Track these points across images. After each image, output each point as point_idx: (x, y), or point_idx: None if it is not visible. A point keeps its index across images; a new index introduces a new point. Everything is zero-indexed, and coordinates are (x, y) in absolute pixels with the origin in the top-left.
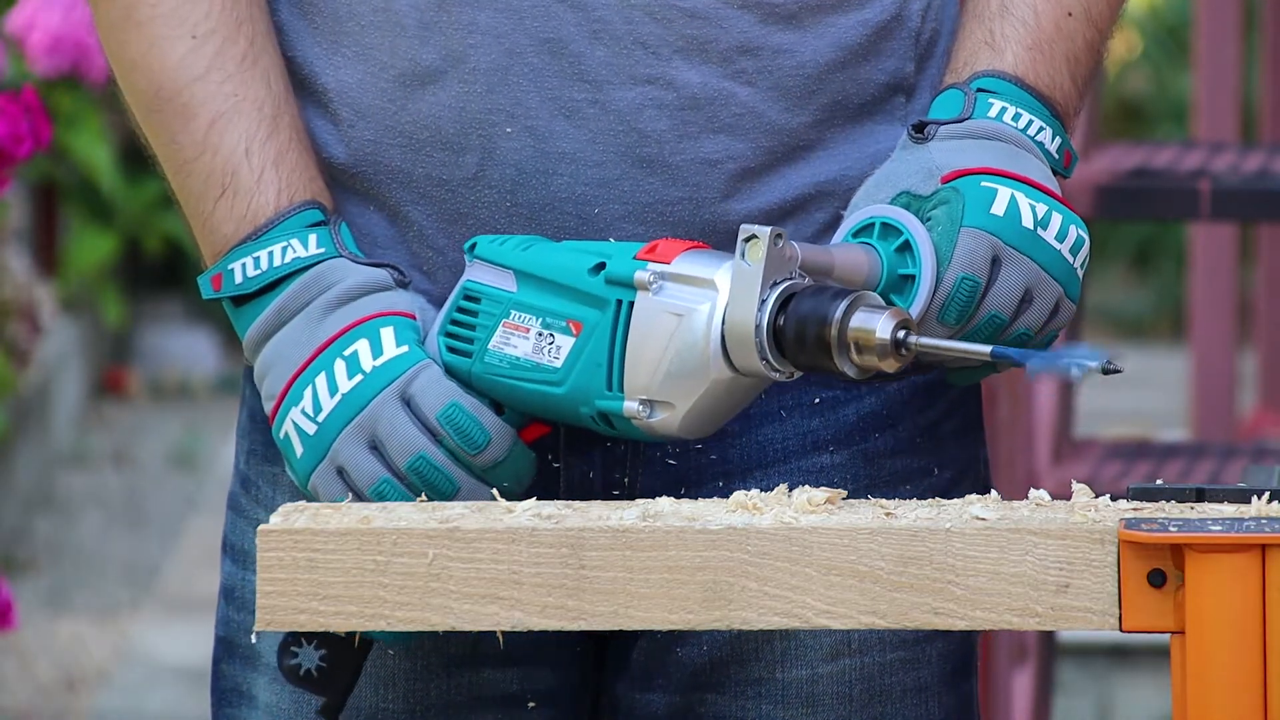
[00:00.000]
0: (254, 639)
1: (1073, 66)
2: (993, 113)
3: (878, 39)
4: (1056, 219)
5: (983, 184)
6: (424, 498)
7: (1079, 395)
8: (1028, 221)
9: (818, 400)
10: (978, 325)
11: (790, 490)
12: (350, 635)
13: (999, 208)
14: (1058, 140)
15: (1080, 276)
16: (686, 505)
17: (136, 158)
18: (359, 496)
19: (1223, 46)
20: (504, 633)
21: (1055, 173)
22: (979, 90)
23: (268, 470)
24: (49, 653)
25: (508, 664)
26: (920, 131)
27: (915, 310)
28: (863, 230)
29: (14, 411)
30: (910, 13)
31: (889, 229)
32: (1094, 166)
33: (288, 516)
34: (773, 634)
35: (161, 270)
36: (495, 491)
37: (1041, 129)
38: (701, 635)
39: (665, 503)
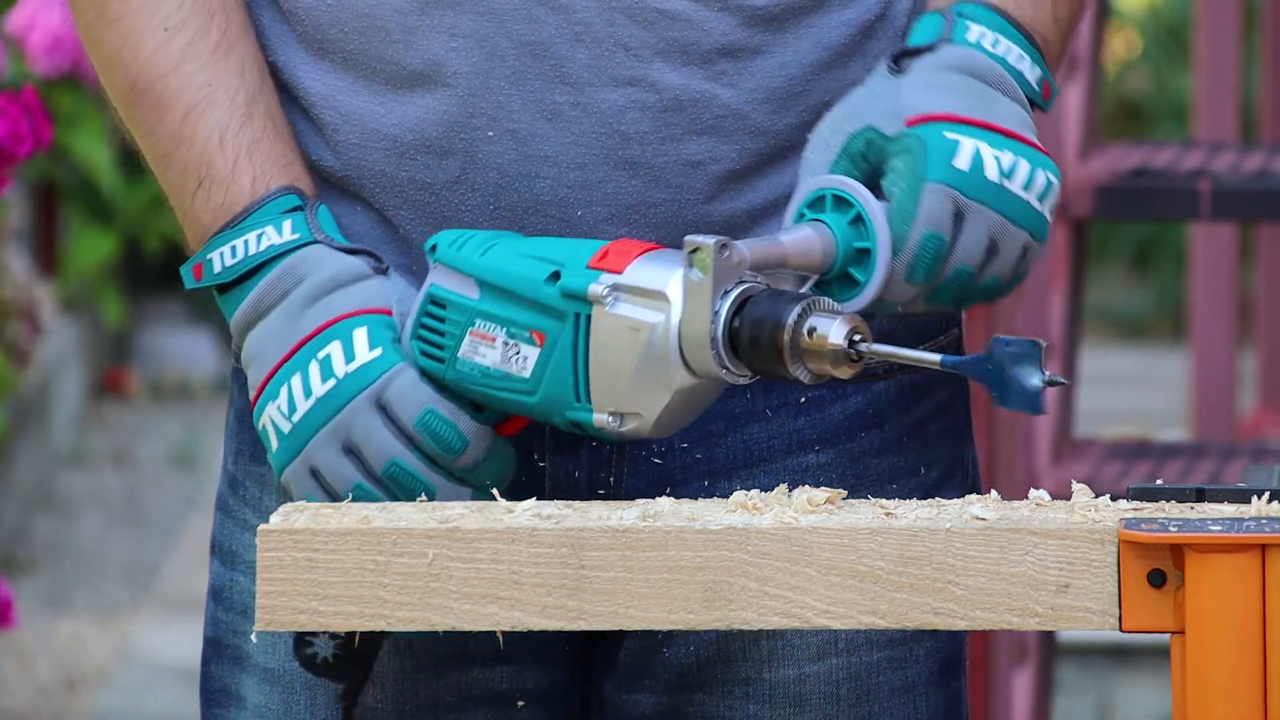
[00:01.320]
0: (253, 639)
1: (1055, 6)
2: (970, 37)
3: (862, 39)
4: (1023, 167)
5: (946, 134)
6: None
7: (1079, 395)
8: (992, 174)
9: (804, 400)
10: (945, 280)
11: (790, 490)
12: None
13: (962, 161)
14: (1037, 71)
15: (1049, 219)
16: (686, 505)
17: (136, 158)
18: (332, 497)
19: (1223, 46)
20: (502, 632)
21: (1033, 104)
22: (958, 15)
23: (255, 471)
24: (49, 653)
25: (497, 663)
26: (897, 63)
27: (874, 281)
28: (814, 203)
29: (14, 411)
30: (896, 12)
31: (841, 201)
32: (1094, 166)
33: (288, 516)
34: (760, 633)
35: (161, 270)
36: (495, 491)
37: (1021, 57)
38: (689, 635)
39: (665, 503)
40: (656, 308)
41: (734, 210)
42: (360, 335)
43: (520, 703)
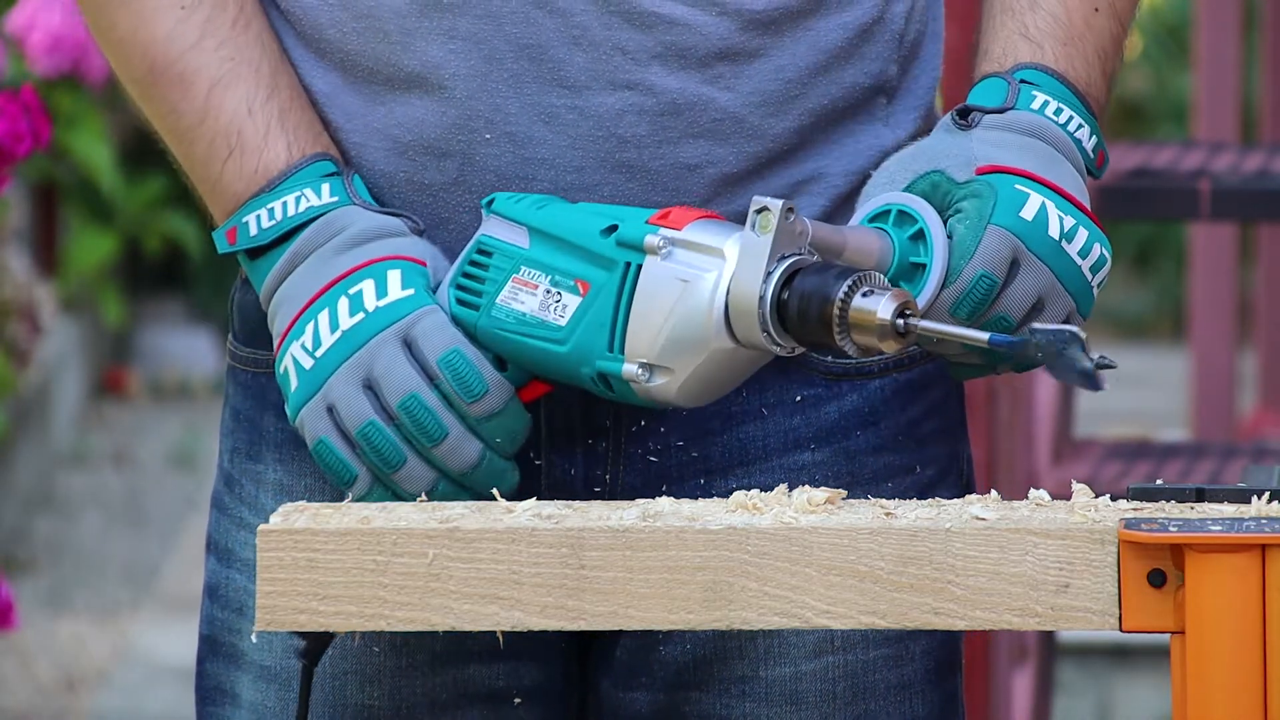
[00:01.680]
0: (253, 639)
1: (1103, 62)
2: (1035, 105)
3: (859, 42)
4: (1082, 234)
5: (1016, 186)
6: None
7: (1079, 395)
8: (1054, 231)
9: (799, 398)
10: (986, 325)
11: (790, 490)
12: None
13: (1029, 212)
14: (1094, 139)
15: (1095, 294)
16: (686, 505)
17: (136, 158)
18: (344, 437)
19: (1223, 46)
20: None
21: (1089, 172)
22: (1022, 82)
23: (251, 468)
24: (49, 653)
25: (494, 660)
26: (964, 118)
27: (923, 299)
28: (878, 216)
29: (14, 411)
30: (893, 15)
31: (905, 217)
32: None
33: (288, 516)
34: (757, 632)
35: (161, 270)
36: (495, 491)
37: (1080, 126)
38: (686, 633)
39: (665, 503)
40: (710, 263)
41: (731, 213)
42: (394, 275)
43: (517, 700)
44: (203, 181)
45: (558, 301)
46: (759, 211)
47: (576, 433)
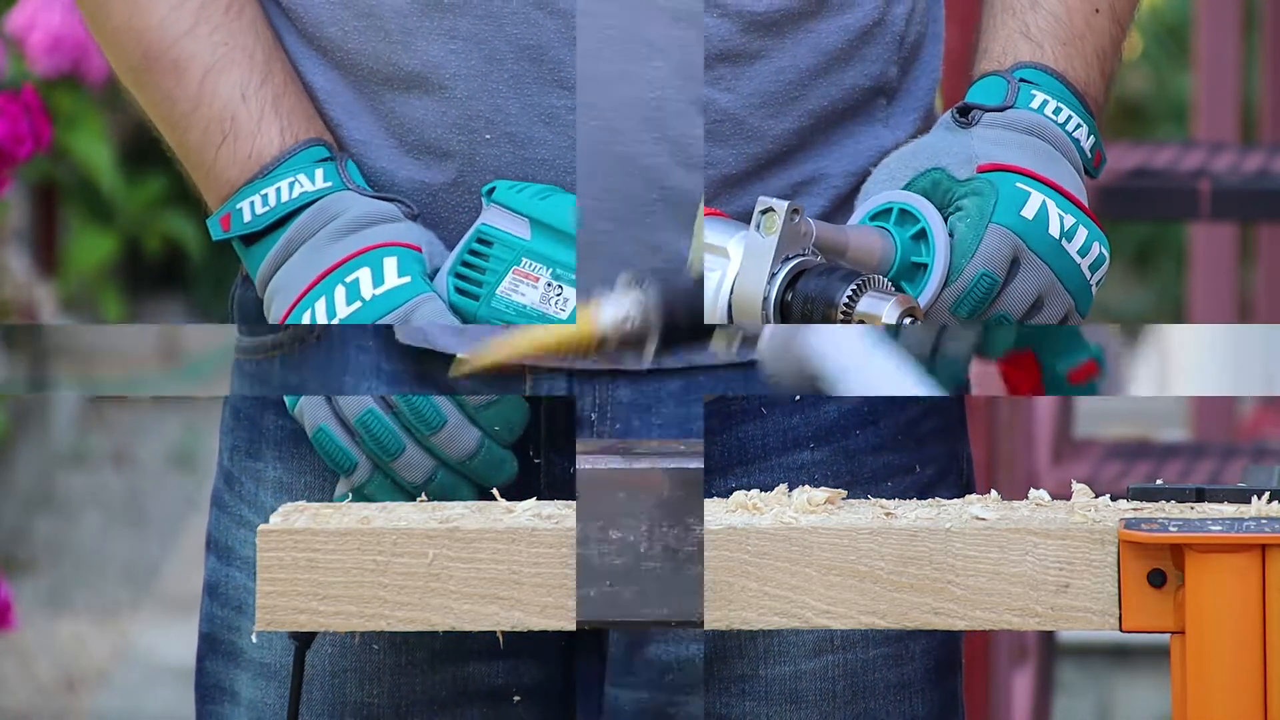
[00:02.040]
0: (253, 639)
1: (1102, 63)
2: (1034, 104)
3: (859, 44)
4: (1082, 233)
5: (1017, 184)
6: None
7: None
8: (1054, 230)
9: (798, 397)
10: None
11: (790, 489)
12: None
13: (1030, 211)
14: (1091, 139)
15: (1093, 293)
16: None
17: (136, 158)
18: (344, 425)
19: (1223, 46)
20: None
21: (1086, 171)
22: (1021, 80)
23: (251, 466)
24: (49, 653)
25: (493, 658)
26: (964, 116)
27: (925, 299)
28: (880, 214)
29: (14, 411)
30: (894, 17)
31: (906, 215)
32: None
33: (288, 516)
34: (757, 631)
35: (161, 270)
36: (495, 491)
37: (1079, 126)
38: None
39: None
40: (714, 262)
41: (730, 214)
42: (390, 263)
43: (516, 698)
44: (197, 169)
45: (559, 295)
46: (764, 212)
47: (575, 433)
